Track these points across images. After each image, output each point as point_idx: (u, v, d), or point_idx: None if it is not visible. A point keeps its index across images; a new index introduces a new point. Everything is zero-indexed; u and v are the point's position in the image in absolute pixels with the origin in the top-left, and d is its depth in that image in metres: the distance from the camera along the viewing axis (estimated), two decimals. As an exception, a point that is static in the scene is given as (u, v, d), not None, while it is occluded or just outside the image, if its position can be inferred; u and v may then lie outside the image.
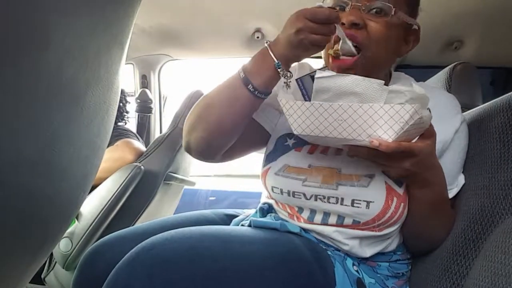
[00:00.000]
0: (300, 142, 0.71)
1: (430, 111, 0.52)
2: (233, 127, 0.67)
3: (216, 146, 0.71)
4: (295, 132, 0.55)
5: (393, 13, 0.61)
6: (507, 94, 0.67)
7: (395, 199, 0.61)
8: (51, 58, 0.31)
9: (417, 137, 0.55)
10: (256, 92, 0.62)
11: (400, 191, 0.62)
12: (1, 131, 0.29)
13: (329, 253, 0.65)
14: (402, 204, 0.62)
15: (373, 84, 0.54)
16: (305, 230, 0.69)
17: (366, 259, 0.68)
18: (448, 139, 0.66)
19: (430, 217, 0.65)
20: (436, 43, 1.46)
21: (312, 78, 0.58)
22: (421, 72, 1.55)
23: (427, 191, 0.61)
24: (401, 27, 0.65)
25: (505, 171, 0.59)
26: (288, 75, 0.61)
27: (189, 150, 0.74)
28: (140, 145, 1.36)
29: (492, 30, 1.34)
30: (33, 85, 0.30)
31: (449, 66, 1.10)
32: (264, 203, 0.77)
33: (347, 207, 0.63)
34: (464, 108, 0.89)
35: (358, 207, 0.62)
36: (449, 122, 0.66)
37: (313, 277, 0.60)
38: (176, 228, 0.62)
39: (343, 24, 0.60)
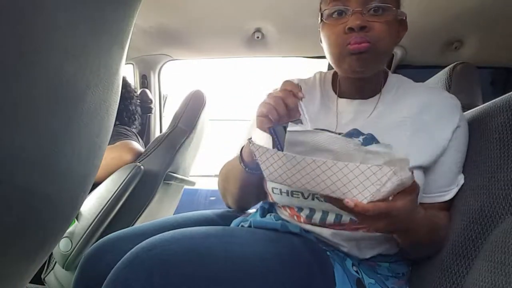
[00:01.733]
0: None
1: (412, 172, 0.49)
2: (250, 194, 0.80)
3: (247, 204, 0.85)
4: (267, 179, 0.53)
5: (392, 13, 0.65)
6: (507, 94, 0.67)
7: None
8: (51, 58, 0.31)
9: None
10: (246, 168, 0.72)
11: None
12: (1, 131, 0.29)
13: (329, 253, 0.65)
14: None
15: (349, 144, 0.53)
16: (305, 230, 0.69)
17: (366, 259, 0.68)
18: (447, 139, 0.66)
19: (418, 250, 0.67)
20: (436, 43, 1.46)
21: (285, 128, 0.56)
22: (421, 72, 1.55)
23: (409, 237, 0.61)
24: (395, 20, 0.68)
25: (505, 171, 0.59)
26: (256, 150, 0.57)
27: (229, 207, 0.91)
28: (138, 146, 1.36)
29: (492, 30, 1.34)
30: (33, 85, 0.30)
31: (449, 66, 1.10)
32: (265, 202, 0.78)
33: None
34: (464, 108, 0.89)
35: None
36: (447, 122, 0.67)
37: (313, 277, 0.60)
38: (177, 228, 0.62)
39: (351, 29, 0.64)
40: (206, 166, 2.58)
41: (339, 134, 0.73)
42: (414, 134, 0.66)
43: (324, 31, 0.70)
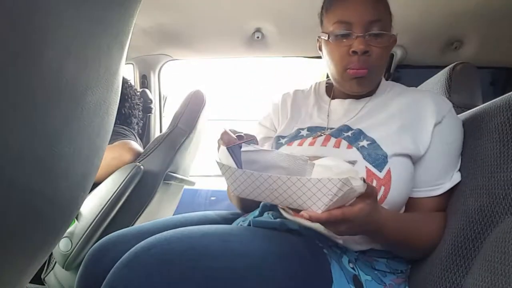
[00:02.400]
0: (290, 139, 0.81)
1: (364, 180, 0.52)
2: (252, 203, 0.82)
3: (252, 208, 0.87)
4: (234, 193, 0.58)
5: (389, 38, 0.72)
6: (507, 94, 0.67)
7: (374, 181, 0.66)
8: (51, 58, 0.31)
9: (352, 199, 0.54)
10: None
11: (380, 174, 0.66)
12: (1, 131, 0.29)
13: (326, 251, 0.66)
14: (383, 187, 0.66)
15: (297, 161, 0.57)
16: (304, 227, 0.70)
17: (364, 253, 0.69)
18: (429, 131, 0.70)
19: (398, 251, 0.69)
20: (436, 43, 1.46)
21: (240, 148, 0.61)
22: (421, 72, 1.55)
23: (380, 238, 0.64)
24: (390, 43, 0.75)
25: (505, 170, 0.59)
26: (221, 167, 0.62)
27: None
28: (137, 146, 1.36)
29: (492, 30, 1.34)
30: (33, 85, 0.30)
31: (449, 66, 1.10)
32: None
33: None
34: (464, 108, 0.89)
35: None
36: (429, 117, 0.70)
37: (310, 275, 0.60)
38: (179, 228, 0.63)
39: (355, 52, 0.71)
40: (206, 166, 2.58)
41: (330, 129, 0.79)
42: (400, 128, 0.71)
43: (327, 49, 0.76)
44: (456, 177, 0.70)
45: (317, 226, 0.69)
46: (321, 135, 0.77)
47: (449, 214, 0.68)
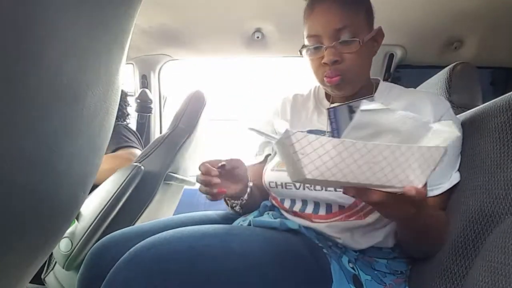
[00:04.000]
0: None
1: None
2: (255, 203, 0.83)
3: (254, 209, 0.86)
4: (307, 176, 0.44)
5: (360, 43, 0.71)
6: (507, 94, 0.67)
7: None
8: (52, 58, 0.31)
9: None
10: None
11: None
12: (1, 131, 0.29)
13: (325, 251, 0.66)
14: None
15: (417, 122, 0.48)
16: (304, 226, 0.70)
17: (363, 253, 0.69)
18: None
19: (418, 244, 0.67)
20: (436, 43, 1.46)
21: (350, 109, 0.52)
22: (421, 72, 1.55)
23: (416, 226, 0.61)
24: (369, 40, 0.74)
25: (505, 170, 0.59)
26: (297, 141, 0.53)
27: None
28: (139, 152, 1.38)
29: (492, 30, 1.34)
30: (33, 85, 0.30)
31: (449, 66, 1.10)
32: (268, 200, 0.81)
33: (331, 192, 0.67)
34: (464, 108, 0.89)
35: (340, 190, 0.66)
36: (426, 117, 0.70)
37: (310, 274, 0.60)
38: (180, 227, 0.63)
39: (325, 63, 0.72)
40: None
41: (330, 132, 0.77)
42: None
43: (307, 61, 0.79)
44: (455, 177, 0.69)
45: (319, 224, 0.69)
46: None
47: (449, 214, 0.68)
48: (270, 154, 0.90)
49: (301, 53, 0.79)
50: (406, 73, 1.68)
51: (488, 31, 1.36)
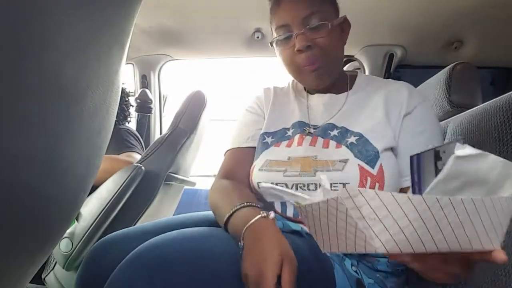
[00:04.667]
0: (277, 139, 0.79)
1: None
2: None
3: None
4: (379, 250, 0.33)
5: (329, 26, 0.72)
6: (507, 94, 0.67)
7: (368, 178, 0.66)
8: (52, 58, 0.31)
9: None
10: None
11: (373, 171, 0.66)
12: (1, 131, 0.29)
13: (328, 254, 0.65)
14: (377, 184, 0.66)
15: (507, 167, 0.38)
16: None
17: (365, 254, 0.68)
18: (398, 121, 0.72)
19: None
20: (436, 43, 1.46)
21: (437, 155, 0.40)
22: (421, 72, 1.55)
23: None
24: (337, 26, 0.76)
25: (505, 171, 0.59)
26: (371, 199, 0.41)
27: None
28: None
29: (492, 30, 1.34)
30: (34, 85, 0.30)
31: (449, 66, 1.10)
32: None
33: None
34: (464, 108, 0.89)
35: (335, 190, 0.66)
36: (397, 107, 0.73)
37: (314, 277, 0.60)
38: (181, 228, 0.62)
39: (299, 50, 0.72)
40: (206, 166, 2.58)
41: (313, 126, 0.78)
42: (384, 121, 0.72)
43: (278, 54, 0.79)
44: None
45: None
46: (308, 135, 0.76)
47: None
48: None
49: (271, 45, 0.79)
50: (406, 73, 1.68)
51: (488, 31, 1.36)
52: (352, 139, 0.71)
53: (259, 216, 0.57)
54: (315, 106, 0.82)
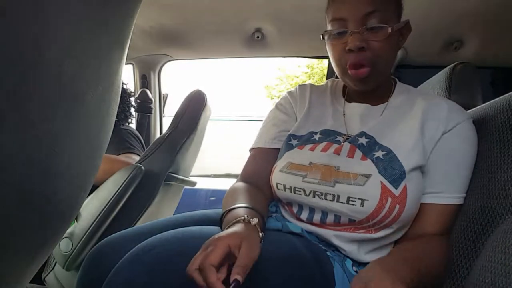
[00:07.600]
0: (302, 142, 0.76)
1: None
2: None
3: None
4: None
5: (389, 30, 0.67)
6: (507, 94, 0.67)
7: (389, 199, 0.62)
8: (52, 58, 0.31)
9: None
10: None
11: (396, 192, 0.63)
12: (1, 131, 0.29)
13: (329, 253, 0.65)
14: (398, 205, 0.63)
15: None
16: (307, 231, 0.69)
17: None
18: (433, 142, 0.67)
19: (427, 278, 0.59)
20: (436, 43, 1.46)
21: None
22: (421, 72, 1.55)
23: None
24: (397, 31, 0.70)
25: (505, 171, 0.59)
26: None
27: None
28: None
29: (492, 30, 1.34)
30: (33, 86, 0.30)
31: (449, 66, 1.10)
32: (271, 205, 0.79)
33: (343, 205, 0.65)
34: (464, 108, 0.89)
35: (353, 204, 0.64)
36: (438, 126, 0.68)
37: (313, 278, 0.60)
38: (180, 227, 0.62)
39: (350, 50, 0.67)
40: (206, 166, 2.58)
41: (348, 136, 0.74)
42: (417, 138, 0.68)
43: (328, 49, 0.74)
44: (458, 199, 0.66)
45: (326, 232, 0.64)
46: (335, 143, 0.73)
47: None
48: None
49: (323, 38, 0.73)
50: (406, 73, 1.68)
51: (488, 31, 1.36)
52: (380, 153, 0.67)
53: (241, 218, 0.58)
54: (351, 117, 0.77)
